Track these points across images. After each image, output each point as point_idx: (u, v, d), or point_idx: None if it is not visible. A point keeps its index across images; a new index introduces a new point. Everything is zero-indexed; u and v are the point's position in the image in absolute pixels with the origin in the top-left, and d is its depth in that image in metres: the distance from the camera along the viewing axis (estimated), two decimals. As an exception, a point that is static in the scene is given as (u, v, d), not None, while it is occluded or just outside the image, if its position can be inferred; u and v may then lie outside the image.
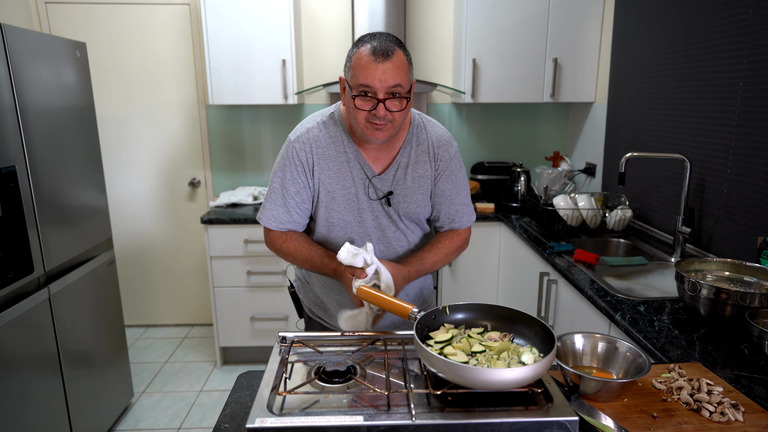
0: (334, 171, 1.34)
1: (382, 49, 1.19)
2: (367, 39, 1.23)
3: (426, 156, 1.39)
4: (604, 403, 0.99)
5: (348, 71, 1.24)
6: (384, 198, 1.37)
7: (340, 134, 1.35)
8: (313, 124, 1.36)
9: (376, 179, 1.36)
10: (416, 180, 1.38)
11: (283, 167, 1.36)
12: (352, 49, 1.25)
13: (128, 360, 2.65)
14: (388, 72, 1.19)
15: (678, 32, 2.16)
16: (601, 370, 1.08)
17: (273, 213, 1.38)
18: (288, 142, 1.36)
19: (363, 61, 1.20)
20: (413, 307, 1.04)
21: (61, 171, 2.09)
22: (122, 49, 3.16)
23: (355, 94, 1.22)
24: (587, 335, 1.12)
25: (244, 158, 3.36)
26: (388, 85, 1.19)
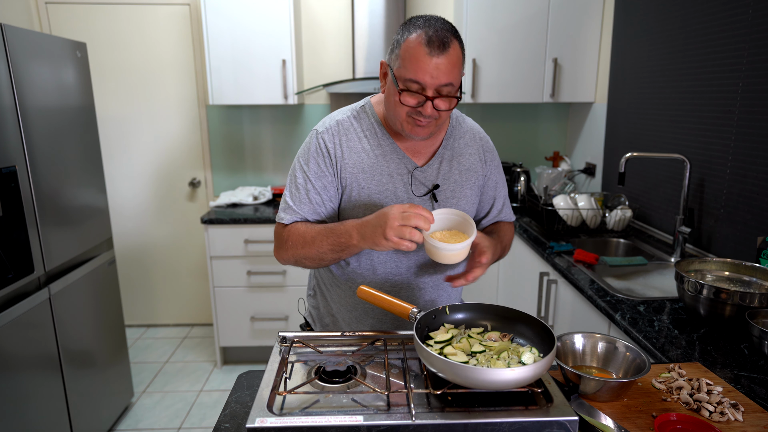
0: (368, 166, 1.21)
1: (439, 39, 1.05)
2: (420, 24, 1.08)
3: (472, 148, 1.31)
4: (604, 403, 0.99)
5: (395, 59, 1.10)
6: (429, 193, 1.24)
7: (373, 127, 1.23)
8: (342, 116, 1.25)
9: (419, 171, 1.24)
10: (464, 173, 1.28)
11: (307, 160, 1.22)
12: (402, 33, 1.10)
13: (128, 360, 2.65)
14: (441, 68, 1.06)
15: (678, 32, 2.16)
16: (601, 370, 1.08)
17: (294, 209, 1.22)
18: (314, 133, 1.24)
19: (415, 52, 1.06)
20: (413, 307, 1.04)
21: (61, 171, 2.09)
22: (122, 49, 3.16)
23: (402, 88, 1.09)
24: (587, 335, 1.12)
25: (244, 158, 3.36)
26: (440, 83, 1.07)
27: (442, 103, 1.11)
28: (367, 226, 1.08)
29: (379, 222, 1.05)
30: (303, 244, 1.18)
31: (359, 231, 1.10)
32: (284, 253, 1.23)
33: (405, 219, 1.02)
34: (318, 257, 1.18)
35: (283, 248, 1.23)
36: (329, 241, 1.15)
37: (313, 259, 1.19)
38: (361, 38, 2.93)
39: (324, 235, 1.16)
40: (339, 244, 1.14)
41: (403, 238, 1.03)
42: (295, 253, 1.20)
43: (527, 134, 3.39)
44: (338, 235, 1.14)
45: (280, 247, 1.24)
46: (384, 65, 1.16)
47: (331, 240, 1.15)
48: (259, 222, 2.81)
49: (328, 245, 1.15)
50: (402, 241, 1.03)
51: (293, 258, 1.22)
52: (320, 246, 1.16)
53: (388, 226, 1.03)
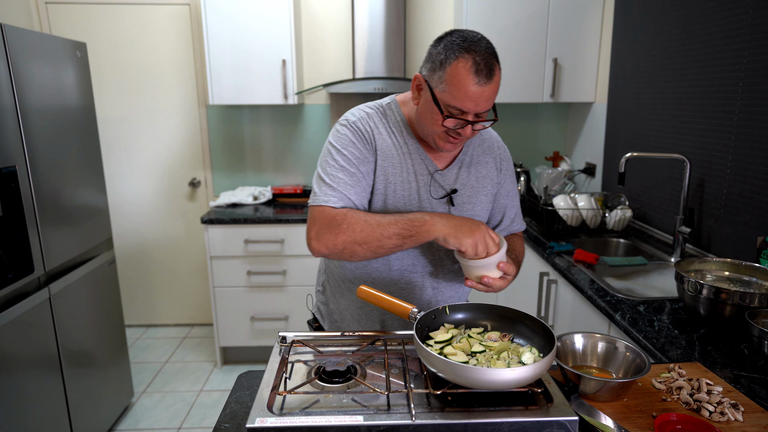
0: (397, 161, 1.22)
1: (487, 67, 1.05)
2: (465, 45, 1.05)
3: (489, 156, 1.32)
4: (604, 403, 0.99)
5: (438, 81, 1.08)
6: (447, 196, 1.25)
7: (399, 125, 1.24)
8: (370, 111, 1.25)
9: (438, 175, 1.25)
10: (480, 180, 1.29)
11: (347, 145, 1.19)
12: (446, 54, 1.07)
13: (128, 360, 2.65)
14: (485, 95, 1.07)
15: (678, 32, 2.16)
16: (601, 370, 1.08)
17: (342, 191, 1.17)
18: (346, 122, 1.22)
19: (463, 81, 1.05)
20: (413, 307, 1.04)
21: (61, 171, 2.09)
22: (122, 49, 3.16)
23: (446, 115, 1.09)
24: (587, 335, 1.12)
25: (244, 158, 3.36)
26: (483, 109, 1.09)
27: (479, 125, 1.13)
28: (452, 219, 1.12)
29: (471, 224, 1.11)
30: (364, 227, 1.13)
31: (440, 219, 1.12)
32: (336, 236, 1.13)
33: (488, 238, 1.11)
34: (378, 243, 1.13)
35: (335, 231, 1.13)
36: (399, 225, 1.12)
37: (371, 245, 1.13)
38: (361, 38, 2.93)
39: (392, 219, 1.13)
40: (411, 228, 1.11)
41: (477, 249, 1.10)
42: (352, 237, 1.13)
43: (527, 134, 3.39)
44: (411, 219, 1.12)
45: (330, 231, 1.14)
46: (420, 79, 1.14)
47: (402, 225, 1.12)
48: (259, 222, 2.81)
49: (396, 229, 1.12)
50: (476, 248, 1.09)
51: (346, 242, 1.13)
52: (387, 229, 1.12)
53: (480, 232, 1.10)
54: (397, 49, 2.96)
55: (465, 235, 1.09)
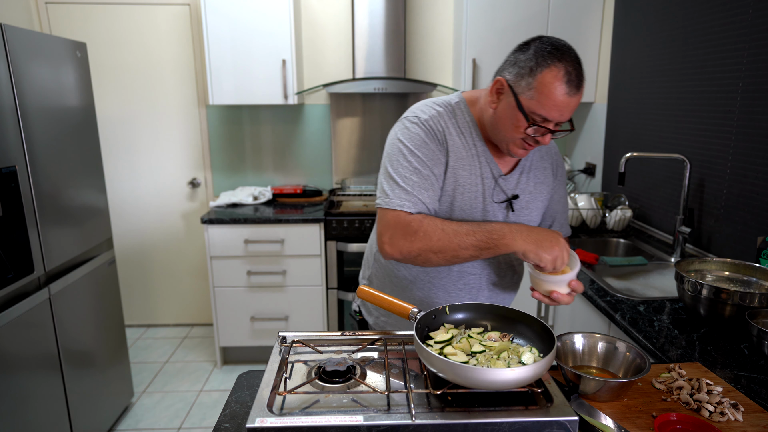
0: (467, 162, 1.20)
1: (577, 77, 1.05)
2: (557, 54, 1.04)
3: (547, 162, 1.31)
4: (604, 403, 0.99)
5: (526, 88, 1.07)
6: (507, 201, 1.24)
7: (468, 126, 1.21)
8: (440, 109, 1.21)
9: (502, 180, 1.23)
10: (537, 186, 1.28)
11: (420, 146, 1.17)
12: (536, 61, 1.05)
13: (128, 360, 2.65)
14: (571, 105, 1.06)
15: (678, 32, 2.16)
16: (602, 370, 1.08)
17: (411, 192, 1.15)
18: (418, 120, 1.19)
19: (554, 90, 1.04)
20: (413, 307, 1.04)
21: (61, 171, 2.09)
22: (122, 49, 3.16)
23: (531, 123, 1.08)
24: (587, 335, 1.12)
25: (244, 158, 3.36)
26: (565, 119, 1.09)
27: (558, 133, 1.12)
28: (532, 232, 1.11)
29: (551, 238, 1.10)
30: (441, 237, 1.12)
31: (519, 232, 1.10)
32: (411, 243, 1.13)
33: (564, 251, 1.10)
34: (454, 253, 1.12)
35: (411, 238, 1.13)
36: (477, 236, 1.11)
37: (447, 254, 1.13)
38: (361, 38, 2.93)
39: (470, 229, 1.12)
40: (489, 240, 1.11)
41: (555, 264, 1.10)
42: (428, 245, 1.12)
43: (527, 134, 3.38)
44: (489, 231, 1.11)
45: (405, 237, 1.14)
46: (502, 83, 1.11)
47: (480, 236, 1.11)
48: (259, 222, 2.81)
49: (474, 240, 1.11)
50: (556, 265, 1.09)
51: (422, 250, 1.13)
52: (464, 240, 1.11)
53: (559, 247, 1.09)
54: (397, 49, 2.96)
55: (545, 250, 1.08)
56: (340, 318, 2.98)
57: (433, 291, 1.29)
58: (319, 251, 2.86)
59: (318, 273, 2.89)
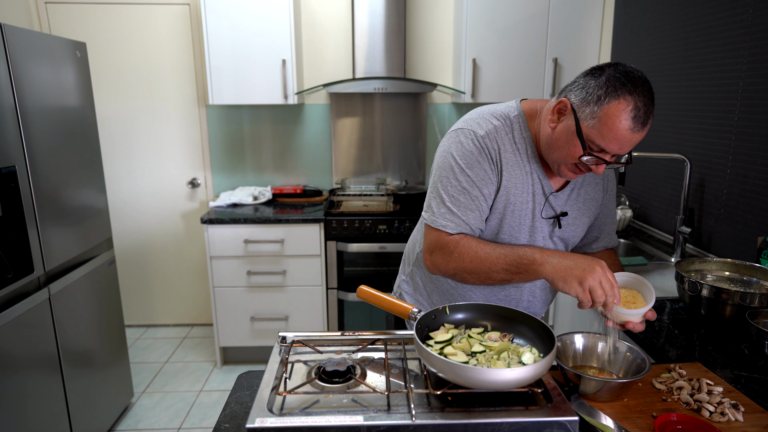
0: (519, 181, 1.18)
1: (645, 114, 0.99)
2: (628, 87, 0.99)
3: (599, 179, 1.28)
4: (605, 403, 0.99)
5: (590, 116, 1.02)
6: (555, 218, 1.22)
7: (524, 142, 1.18)
8: (497, 123, 1.18)
9: (553, 197, 1.21)
10: (586, 203, 1.26)
11: (472, 165, 1.15)
12: (607, 89, 1.00)
13: (128, 360, 2.65)
14: (633, 141, 1.02)
15: (678, 32, 2.16)
16: (602, 370, 1.08)
17: (463, 218, 1.16)
18: (471, 134, 1.17)
19: (619, 125, 0.99)
20: (413, 307, 1.04)
21: (61, 171, 2.09)
22: (122, 49, 3.16)
23: (588, 152, 1.05)
24: (587, 335, 1.11)
25: (244, 158, 3.36)
26: (623, 153, 1.05)
27: (614, 164, 1.08)
28: (565, 259, 1.05)
29: (584, 267, 1.03)
30: (474, 259, 1.14)
31: (551, 259, 1.07)
32: (447, 263, 1.17)
33: (604, 282, 1.00)
34: (487, 275, 1.14)
35: (447, 259, 1.17)
36: (508, 261, 1.11)
37: (480, 276, 1.15)
38: (361, 38, 2.93)
39: (502, 253, 1.12)
40: (519, 266, 1.10)
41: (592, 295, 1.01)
42: (462, 266, 1.15)
43: (527, 134, 3.38)
44: (520, 256, 1.10)
45: (442, 256, 1.18)
46: (566, 105, 1.08)
47: (510, 260, 1.11)
48: (259, 222, 2.81)
49: (504, 264, 1.11)
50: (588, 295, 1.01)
51: (457, 269, 1.17)
52: (495, 264, 1.12)
53: (593, 276, 1.00)
54: (397, 49, 2.96)
55: (575, 280, 1.02)
56: (340, 318, 2.98)
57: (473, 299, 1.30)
58: (319, 251, 2.86)
59: (318, 273, 2.89)
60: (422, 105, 3.28)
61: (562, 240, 1.27)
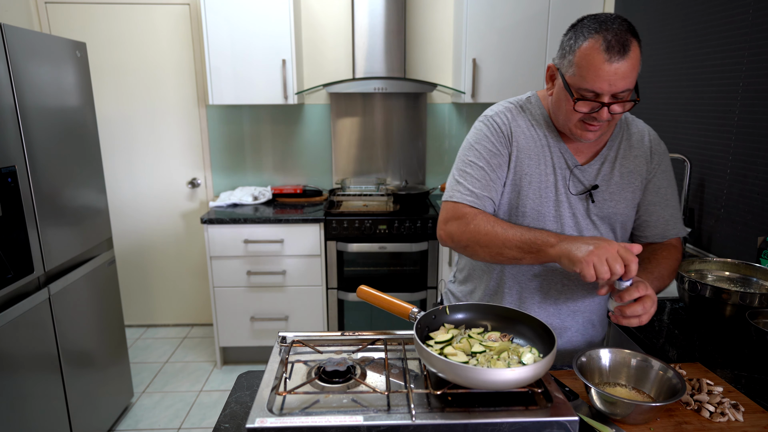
0: (534, 153, 1.20)
1: (619, 43, 1.00)
2: (595, 27, 1.02)
3: (640, 150, 1.24)
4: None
5: (568, 65, 1.07)
6: (587, 192, 1.20)
7: (539, 118, 1.22)
8: (509, 104, 1.25)
9: (578, 170, 1.20)
10: (625, 176, 1.21)
11: (479, 139, 1.22)
12: (575, 37, 1.06)
13: (128, 360, 2.65)
14: (620, 74, 1.01)
15: (678, 32, 2.16)
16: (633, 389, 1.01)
17: (468, 187, 1.19)
18: (483, 118, 1.24)
19: (593, 61, 1.01)
20: (413, 307, 1.04)
21: (61, 171, 2.09)
22: (122, 49, 3.16)
23: (577, 98, 1.07)
24: (613, 350, 1.04)
25: (244, 158, 3.36)
26: (618, 89, 1.04)
27: (618, 107, 1.07)
28: (577, 241, 1.03)
29: (590, 243, 1.00)
30: (489, 233, 1.13)
31: (559, 239, 1.06)
32: (462, 233, 1.17)
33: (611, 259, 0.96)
34: (498, 251, 1.13)
35: (464, 229, 1.16)
36: (523, 238, 1.10)
37: (492, 250, 1.14)
38: (361, 38, 2.93)
39: (518, 232, 1.11)
40: (532, 245, 1.09)
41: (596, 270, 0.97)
42: (476, 239, 1.15)
43: (527, 134, 3.38)
44: (536, 237, 1.09)
45: (458, 225, 1.18)
46: (552, 69, 1.15)
47: (526, 237, 1.10)
48: (259, 222, 2.81)
49: (518, 241, 1.10)
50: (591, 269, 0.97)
51: (470, 240, 1.16)
52: (509, 240, 1.11)
53: (596, 253, 0.97)
54: (397, 49, 2.96)
55: (579, 254, 0.98)
56: (340, 318, 2.98)
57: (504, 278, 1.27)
58: (319, 251, 2.86)
59: (318, 273, 2.89)
60: (422, 105, 3.27)
61: (602, 219, 1.21)
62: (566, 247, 1.03)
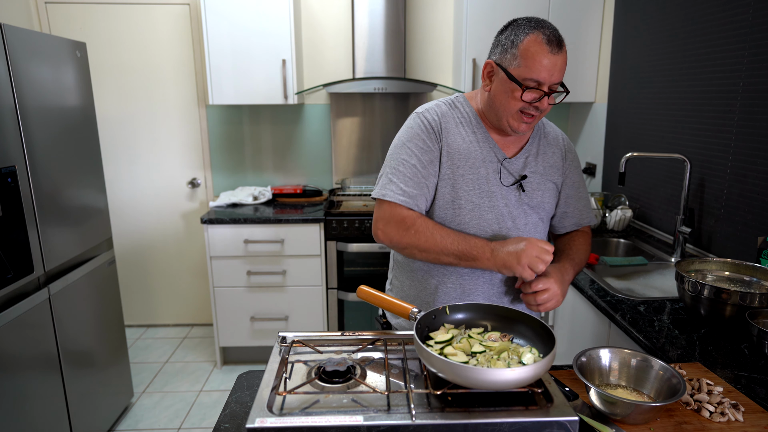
0: (464, 147, 1.26)
1: (556, 38, 1.14)
2: (532, 25, 1.15)
3: (556, 147, 1.36)
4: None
5: (512, 59, 1.16)
6: (517, 183, 1.29)
7: (468, 115, 1.30)
8: (439, 102, 1.32)
9: (507, 162, 1.29)
10: (547, 169, 1.33)
11: (411, 137, 1.27)
12: (515, 34, 1.16)
13: (128, 360, 2.65)
14: (558, 65, 1.14)
15: (678, 32, 2.16)
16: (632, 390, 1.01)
17: (402, 187, 1.24)
18: (415, 114, 1.30)
19: (537, 51, 1.13)
20: (413, 307, 1.04)
21: (61, 171, 2.09)
22: (122, 49, 3.16)
23: (526, 87, 1.15)
24: (613, 350, 1.04)
25: (244, 158, 3.36)
26: (555, 81, 1.16)
27: (553, 99, 1.19)
28: (501, 248, 1.17)
29: (515, 249, 1.15)
30: (429, 239, 1.22)
31: (492, 250, 1.18)
32: (401, 237, 1.24)
33: (541, 254, 1.13)
34: (436, 257, 1.23)
35: (403, 233, 1.24)
36: (459, 248, 1.20)
37: (430, 255, 1.23)
38: (361, 38, 2.93)
39: (455, 239, 1.21)
40: (467, 254, 1.20)
41: (533, 269, 1.14)
42: (416, 243, 1.23)
43: (527, 134, 3.38)
44: (471, 246, 1.20)
45: (398, 230, 1.24)
46: (491, 65, 1.22)
47: (462, 247, 1.20)
48: (259, 222, 2.81)
49: (455, 249, 1.20)
50: (529, 271, 1.14)
51: (409, 244, 1.24)
52: (446, 247, 1.21)
53: (526, 255, 1.13)
54: (397, 49, 2.96)
55: (515, 263, 1.14)
56: (340, 318, 2.98)
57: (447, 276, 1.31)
58: (319, 251, 2.86)
59: (318, 273, 2.89)
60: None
61: (532, 209, 1.31)
62: (501, 258, 1.16)
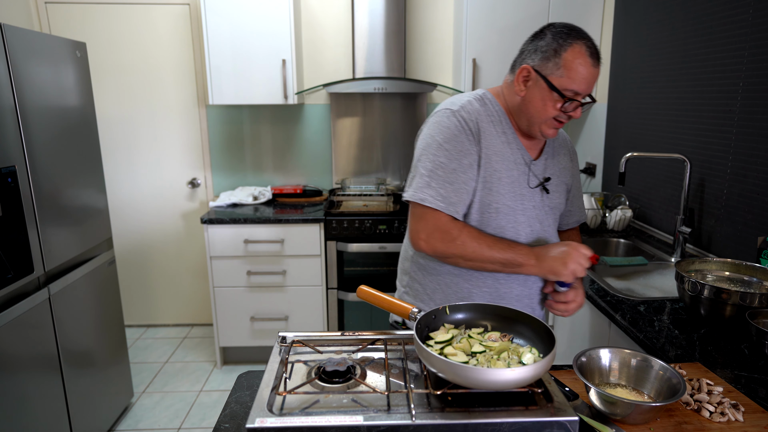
0: (499, 149, 1.24)
1: (597, 51, 1.15)
2: (574, 34, 1.14)
3: (564, 149, 1.38)
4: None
5: (554, 68, 1.15)
6: (541, 185, 1.29)
7: (498, 114, 1.26)
8: (470, 98, 1.26)
9: (533, 165, 1.29)
10: (561, 170, 1.35)
11: (449, 138, 1.20)
12: (558, 42, 1.14)
13: (128, 360, 2.65)
14: (595, 77, 1.16)
15: (678, 32, 2.16)
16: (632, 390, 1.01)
17: (441, 192, 1.19)
18: (450, 112, 1.23)
19: (581, 64, 1.13)
20: (413, 307, 1.04)
21: (61, 171, 2.09)
22: (122, 49, 3.16)
23: (568, 98, 1.15)
24: (613, 350, 1.05)
25: (244, 158, 3.36)
26: (591, 91, 1.18)
27: (584, 107, 1.20)
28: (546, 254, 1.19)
29: (560, 255, 1.17)
30: (475, 250, 1.20)
31: (537, 256, 1.19)
32: (447, 248, 1.21)
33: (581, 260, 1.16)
34: (482, 264, 1.22)
35: (448, 244, 1.20)
36: (505, 256, 1.20)
37: (475, 263, 1.22)
38: (361, 38, 2.93)
39: (501, 247, 1.20)
40: (513, 261, 1.20)
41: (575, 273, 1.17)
42: (462, 253, 1.20)
43: (527, 134, 3.38)
44: (516, 253, 1.20)
45: (443, 241, 1.21)
46: (529, 71, 1.19)
47: (508, 255, 1.20)
48: (259, 222, 2.81)
49: (501, 257, 1.20)
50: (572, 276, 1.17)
51: (455, 255, 1.21)
52: (493, 256, 1.20)
53: (572, 260, 1.16)
54: (397, 49, 2.96)
55: (562, 269, 1.17)
56: (340, 318, 2.98)
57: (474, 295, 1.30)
58: (319, 251, 2.86)
59: (318, 273, 2.89)
60: (422, 105, 3.27)
61: (552, 209, 1.32)
62: (548, 264, 1.18)
